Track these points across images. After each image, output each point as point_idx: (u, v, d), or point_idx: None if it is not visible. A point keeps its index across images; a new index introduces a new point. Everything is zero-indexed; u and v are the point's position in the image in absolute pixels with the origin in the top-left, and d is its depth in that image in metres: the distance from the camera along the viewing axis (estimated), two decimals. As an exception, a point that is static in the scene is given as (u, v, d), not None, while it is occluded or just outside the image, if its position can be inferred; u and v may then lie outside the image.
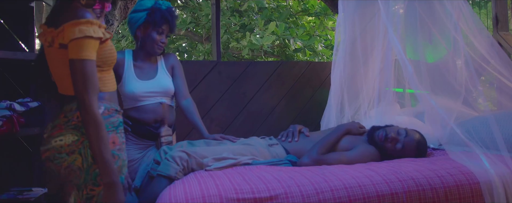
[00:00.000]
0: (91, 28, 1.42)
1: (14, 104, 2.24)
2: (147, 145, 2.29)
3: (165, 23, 2.25)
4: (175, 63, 2.41)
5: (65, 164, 1.45)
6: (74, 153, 1.45)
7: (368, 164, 1.97)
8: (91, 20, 1.42)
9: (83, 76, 1.39)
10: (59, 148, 1.45)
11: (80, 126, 1.46)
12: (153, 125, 2.27)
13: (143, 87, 2.25)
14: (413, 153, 2.17)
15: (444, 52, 2.90)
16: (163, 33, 2.28)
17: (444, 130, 2.17)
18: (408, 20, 2.87)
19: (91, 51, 1.42)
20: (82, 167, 1.45)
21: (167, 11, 2.25)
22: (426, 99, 2.20)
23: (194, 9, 7.59)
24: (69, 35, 1.39)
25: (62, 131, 1.47)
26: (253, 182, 1.69)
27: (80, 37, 1.39)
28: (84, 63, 1.39)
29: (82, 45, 1.39)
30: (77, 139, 1.46)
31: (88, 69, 1.40)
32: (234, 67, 3.34)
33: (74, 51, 1.39)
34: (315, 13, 7.28)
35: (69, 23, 1.40)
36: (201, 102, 3.21)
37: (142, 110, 2.25)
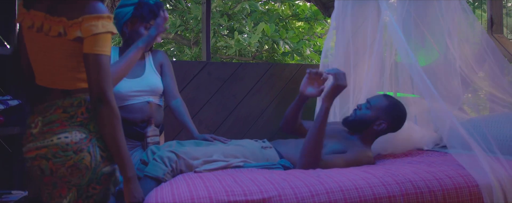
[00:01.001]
0: (111, 23, 1.39)
1: (-7, 101, 2.14)
2: (133, 145, 2.21)
3: (153, 17, 2.17)
4: (164, 61, 2.34)
5: (70, 163, 1.37)
6: (82, 151, 1.38)
7: (365, 166, 1.91)
8: (111, 15, 1.40)
9: (105, 72, 1.36)
10: (64, 146, 1.36)
11: (86, 123, 1.41)
12: (140, 124, 2.19)
13: (129, 86, 2.17)
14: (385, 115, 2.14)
15: (437, 56, 2.88)
16: (150, 28, 2.19)
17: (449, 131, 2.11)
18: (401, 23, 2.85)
19: (109, 47, 1.40)
20: (90, 166, 1.39)
21: (155, 5, 2.17)
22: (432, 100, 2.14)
23: (183, 12, 7.53)
24: (91, 29, 1.34)
25: (66, 127, 1.38)
26: (244, 183, 1.61)
27: (103, 32, 1.36)
28: (106, 59, 1.37)
29: (103, 40, 1.36)
30: (85, 137, 1.39)
31: (107, 64, 1.38)
32: (224, 68, 3.27)
33: (94, 45, 1.35)
34: (305, 18, 7.29)
35: (91, 16, 1.35)
36: (190, 103, 3.13)
37: (129, 109, 2.17)
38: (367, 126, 2.17)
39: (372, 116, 2.16)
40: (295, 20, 7.49)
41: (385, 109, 2.17)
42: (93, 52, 1.35)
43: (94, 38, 1.35)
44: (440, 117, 2.21)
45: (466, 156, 1.96)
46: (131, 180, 1.45)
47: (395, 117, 2.19)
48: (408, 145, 2.51)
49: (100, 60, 1.35)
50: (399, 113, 2.21)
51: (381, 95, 2.25)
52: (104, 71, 1.36)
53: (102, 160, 1.41)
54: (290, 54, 7.04)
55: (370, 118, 2.16)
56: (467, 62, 2.61)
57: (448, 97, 2.46)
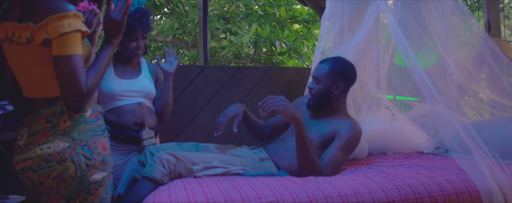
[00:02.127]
0: (78, 21, 1.32)
1: (-10, 106, 2.13)
2: (130, 150, 2.18)
3: (134, 30, 2.14)
4: (159, 76, 2.36)
5: (54, 174, 1.33)
6: (66, 161, 1.33)
7: (363, 171, 1.90)
8: (77, 13, 1.32)
9: (74, 73, 1.28)
10: (47, 156, 1.32)
11: (69, 131, 1.35)
12: (133, 128, 2.16)
13: (122, 85, 2.16)
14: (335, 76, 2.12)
15: (435, 59, 2.88)
16: (137, 39, 2.17)
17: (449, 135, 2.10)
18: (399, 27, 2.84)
19: (79, 46, 1.32)
20: (75, 176, 1.34)
21: (132, 18, 2.12)
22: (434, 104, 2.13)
23: (180, 15, 7.53)
24: (56, 30, 1.28)
25: (49, 137, 1.34)
26: (243, 189, 1.60)
27: (70, 32, 1.28)
28: (74, 59, 1.29)
29: (72, 40, 1.29)
30: (68, 146, 1.34)
31: (79, 63, 1.30)
32: (221, 72, 3.27)
33: (62, 46, 1.28)
34: (303, 20, 7.27)
35: (55, 17, 1.28)
36: (187, 108, 3.12)
37: (120, 112, 2.14)
38: (329, 97, 2.15)
39: (326, 85, 2.14)
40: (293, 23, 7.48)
41: (331, 71, 2.15)
42: (62, 54, 1.28)
43: (61, 39, 1.28)
44: (441, 120, 2.20)
45: (466, 160, 1.94)
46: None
47: (344, 72, 2.17)
48: (409, 148, 2.50)
49: (71, 61, 1.28)
50: (344, 66, 2.19)
51: (319, 64, 2.22)
52: (77, 72, 1.28)
53: (88, 168, 1.36)
54: (287, 53, 7.03)
55: (326, 87, 2.14)
56: (464, 67, 2.60)
57: (446, 101, 2.45)
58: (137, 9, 2.17)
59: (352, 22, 3.06)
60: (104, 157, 1.40)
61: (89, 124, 1.39)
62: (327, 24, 3.02)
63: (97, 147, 1.39)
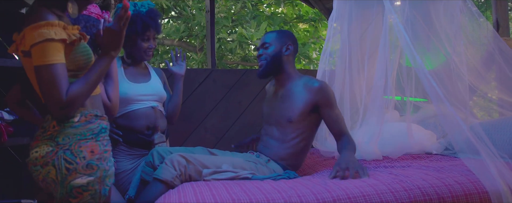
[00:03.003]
0: (52, 30, 1.31)
1: (3, 112, 2.16)
2: (140, 154, 2.20)
3: (148, 29, 2.17)
4: (165, 79, 2.41)
5: (40, 177, 1.38)
6: (47, 165, 1.36)
7: (372, 173, 1.89)
8: (51, 21, 1.32)
9: (52, 82, 1.28)
10: (34, 160, 1.38)
11: (55, 135, 1.38)
12: (146, 132, 2.18)
13: (135, 89, 2.18)
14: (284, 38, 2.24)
15: (443, 60, 2.86)
16: (149, 39, 2.21)
17: (457, 136, 2.09)
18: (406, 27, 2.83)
19: (57, 54, 1.31)
20: (57, 179, 1.36)
21: (147, 16, 2.16)
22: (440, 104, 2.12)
23: (188, 19, 7.57)
24: (29, 41, 1.30)
25: (38, 142, 1.39)
26: (251, 192, 1.61)
27: (41, 41, 1.29)
28: (50, 68, 1.29)
29: (47, 49, 1.29)
30: (51, 150, 1.37)
31: (58, 72, 1.29)
32: (229, 75, 3.28)
33: (38, 57, 1.29)
34: (309, 19, 7.28)
35: (29, 28, 1.30)
36: (196, 111, 3.14)
37: (133, 116, 2.16)
38: (280, 59, 2.22)
39: (277, 46, 2.22)
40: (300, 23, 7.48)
41: (280, 34, 2.26)
42: (38, 64, 1.29)
43: (35, 49, 1.29)
44: (448, 121, 2.19)
45: (475, 161, 1.92)
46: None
47: (291, 36, 2.29)
48: (417, 149, 2.49)
49: (44, 71, 1.28)
50: (289, 32, 2.34)
51: (266, 33, 2.31)
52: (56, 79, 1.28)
53: (69, 172, 1.36)
54: (296, 58, 7.05)
55: (276, 49, 2.22)
56: (473, 67, 2.59)
57: (453, 101, 2.44)
58: (149, 10, 2.19)
59: (360, 23, 3.06)
60: (91, 161, 1.39)
61: (76, 128, 1.40)
62: (334, 25, 3.02)
63: (82, 151, 1.38)
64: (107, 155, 1.45)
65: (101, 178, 1.41)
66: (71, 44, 1.38)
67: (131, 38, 2.17)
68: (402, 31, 2.32)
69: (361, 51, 3.00)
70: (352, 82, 2.97)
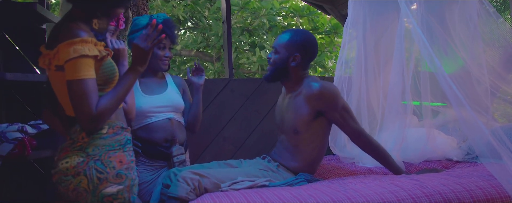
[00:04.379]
0: (86, 47, 1.39)
1: (26, 126, 2.21)
2: (160, 166, 2.22)
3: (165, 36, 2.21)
4: (185, 88, 2.41)
5: (71, 187, 1.42)
6: (79, 175, 1.42)
7: (392, 179, 1.88)
8: (85, 38, 1.40)
9: (86, 95, 1.35)
10: (65, 171, 1.42)
11: (85, 146, 1.44)
12: (164, 144, 2.20)
13: (150, 102, 2.20)
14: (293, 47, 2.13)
15: (461, 64, 2.83)
16: (165, 48, 2.23)
17: (478, 140, 2.06)
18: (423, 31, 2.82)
19: (89, 70, 1.39)
20: (88, 189, 1.42)
21: (163, 25, 2.18)
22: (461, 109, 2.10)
23: (204, 29, 7.65)
24: (64, 56, 1.37)
25: (68, 153, 1.44)
26: (270, 200, 1.62)
27: (75, 57, 1.36)
28: (83, 83, 1.36)
29: (79, 65, 1.36)
30: (82, 160, 1.43)
31: (89, 87, 1.37)
32: (247, 84, 3.30)
33: (71, 72, 1.36)
34: (325, 32, 7.28)
35: (64, 44, 1.38)
36: (214, 121, 3.16)
37: (151, 129, 2.18)
38: (286, 68, 2.14)
39: (283, 55, 2.14)
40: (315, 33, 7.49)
41: (289, 42, 2.14)
42: (72, 78, 1.36)
43: (69, 64, 1.36)
44: (468, 126, 2.16)
45: (497, 165, 1.89)
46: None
47: (302, 44, 2.15)
48: (438, 155, 2.46)
49: (77, 85, 1.35)
50: (303, 38, 2.17)
51: (281, 34, 2.21)
52: (87, 94, 1.35)
53: (100, 181, 1.42)
54: (312, 66, 7.05)
55: (282, 58, 2.14)
56: (492, 69, 2.55)
57: (473, 105, 2.41)
58: (165, 20, 2.23)
59: (375, 29, 3.05)
60: (120, 170, 1.46)
61: (105, 139, 1.47)
62: (350, 31, 3.02)
63: (111, 161, 1.45)
64: (133, 165, 1.52)
65: (130, 187, 1.47)
66: (100, 60, 1.44)
67: None
68: (420, 35, 2.30)
69: (377, 57, 2.99)
70: (369, 88, 2.96)
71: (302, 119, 2.07)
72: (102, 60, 1.45)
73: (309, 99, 2.06)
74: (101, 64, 1.46)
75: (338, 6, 4.16)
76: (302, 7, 7.33)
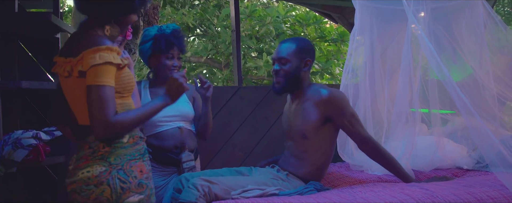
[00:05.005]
0: (111, 54, 1.41)
1: (40, 132, 2.25)
2: (171, 172, 2.26)
3: (171, 47, 2.24)
4: (195, 95, 2.42)
5: (93, 196, 1.42)
6: (102, 184, 1.42)
7: (402, 188, 1.89)
8: (111, 46, 1.43)
9: (105, 101, 1.36)
10: (86, 180, 1.43)
11: (107, 156, 1.44)
12: (174, 151, 2.24)
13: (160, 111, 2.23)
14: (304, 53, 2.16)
15: (470, 72, 2.84)
16: (173, 58, 2.27)
17: (488, 149, 2.06)
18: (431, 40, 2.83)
19: (111, 77, 1.41)
20: (111, 198, 1.43)
21: (171, 35, 2.24)
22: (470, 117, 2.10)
23: (213, 36, 7.72)
24: (89, 62, 1.38)
25: (89, 162, 1.44)
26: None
27: (100, 64, 1.38)
28: (103, 89, 1.37)
29: (102, 71, 1.38)
30: (105, 170, 1.43)
31: (108, 94, 1.38)
32: (255, 91, 3.33)
33: (93, 77, 1.38)
34: (332, 40, 7.29)
35: (89, 50, 1.40)
36: (223, 128, 3.20)
37: (161, 137, 2.23)
38: (298, 75, 2.15)
39: (295, 63, 2.14)
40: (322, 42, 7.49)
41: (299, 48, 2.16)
42: (93, 84, 1.37)
43: (93, 70, 1.37)
44: (478, 134, 2.16)
45: (508, 175, 1.89)
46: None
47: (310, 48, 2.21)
48: (448, 163, 2.46)
49: (100, 91, 1.36)
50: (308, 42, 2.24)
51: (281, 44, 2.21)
52: (105, 101, 1.36)
53: (123, 191, 1.43)
54: (319, 73, 7.05)
55: (295, 66, 2.14)
56: (500, 78, 2.56)
57: (482, 114, 2.41)
58: (174, 29, 2.27)
59: (382, 37, 3.06)
60: (141, 180, 1.47)
61: (126, 149, 1.48)
62: (357, 38, 3.04)
63: (133, 171, 1.46)
64: (151, 174, 1.54)
65: (149, 196, 1.49)
66: (121, 69, 1.47)
67: (156, 57, 2.25)
68: (426, 43, 2.32)
69: (384, 65, 3.00)
70: (376, 96, 2.97)
71: (311, 125, 2.10)
72: (122, 69, 1.47)
73: (318, 105, 2.08)
74: (121, 72, 1.48)
75: (346, 15, 4.18)
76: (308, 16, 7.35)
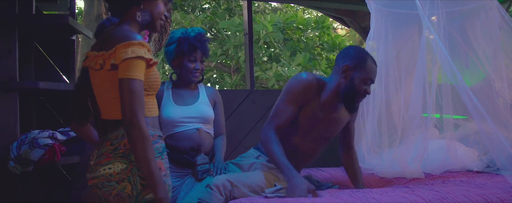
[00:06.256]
0: (142, 49, 1.45)
1: (56, 133, 2.29)
2: (186, 173, 2.27)
3: (194, 50, 2.26)
4: (217, 99, 2.43)
5: (114, 192, 1.46)
6: (123, 181, 1.46)
7: (413, 190, 1.89)
8: (142, 42, 1.46)
9: (133, 95, 1.40)
10: (108, 177, 1.46)
11: (128, 154, 1.47)
12: (190, 153, 2.25)
13: (180, 112, 2.25)
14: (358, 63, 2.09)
15: (482, 76, 2.83)
16: (196, 61, 2.28)
17: (499, 153, 2.06)
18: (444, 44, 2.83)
19: (141, 72, 1.44)
20: (132, 195, 1.46)
21: (194, 39, 2.25)
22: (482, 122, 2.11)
23: (223, 41, 7.76)
24: (121, 56, 1.42)
25: (111, 159, 1.48)
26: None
27: (133, 57, 1.42)
28: (135, 83, 1.41)
29: (134, 65, 1.42)
30: (126, 167, 1.46)
31: (138, 88, 1.42)
32: (267, 95, 3.35)
33: (125, 70, 1.42)
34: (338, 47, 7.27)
35: (122, 44, 1.43)
36: (235, 131, 3.21)
37: (178, 138, 2.24)
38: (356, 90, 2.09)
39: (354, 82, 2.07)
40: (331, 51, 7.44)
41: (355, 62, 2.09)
42: (124, 77, 1.41)
43: (125, 63, 1.41)
44: (489, 139, 2.17)
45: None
46: (162, 200, 1.44)
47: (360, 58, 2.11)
48: (458, 166, 2.46)
49: (131, 84, 1.40)
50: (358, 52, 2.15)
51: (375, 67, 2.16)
52: (135, 95, 1.40)
53: (143, 188, 1.46)
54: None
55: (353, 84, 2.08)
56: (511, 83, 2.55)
57: (494, 119, 2.41)
58: (199, 33, 2.29)
59: (396, 41, 3.07)
60: None
61: None
62: (371, 43, 3.05)
63: None
64: (168, 172, 1.57)
65: (168, 193, 1.51)
66: (150, 66, 1.50)
67: (179, 59, 2.28)
68: (441, 47, 2.32)
69: (398, 69, 3.01)
70: (390, 100, 2.98)
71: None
72: (151, 66, 1.51)
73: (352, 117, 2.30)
74: (150, 70, 1.51)
75: (358, 19, 4.20)
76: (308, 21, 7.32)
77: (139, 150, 1.41)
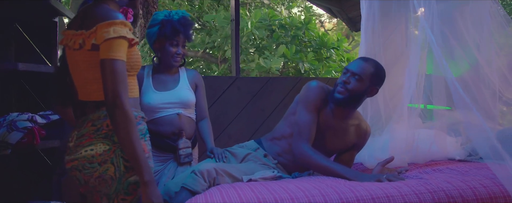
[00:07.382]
0: (124, 29, 1.41)
1: (36, 116, 2.25)
2: (168, 158, 2.26)
3: (177, 34, 2.22)
4: (198, 83, 2.39)
5: (96, 174, 1.43)
6: (106, 163, 1.43)
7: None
8: (124, 21, 1.42)
9: (116, 76, 1.37)
10: (90, 158, 1.43)
11: (110, 134, 1.44)
12: (171, 137, 2.23)
13: (159, 98, 2.23)
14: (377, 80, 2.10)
15: (467, 68, 2.84)
16: (178, 45, 2.24)
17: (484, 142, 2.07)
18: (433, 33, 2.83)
19: (124, 52, 1.41)
20: (115, 176, 1.43)
21: (178, 22, 2.21)
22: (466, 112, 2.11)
23: (210, 30, 7.71)
24: (103, 35, 1.38)
25: (92, 140, 1.44)
26: (276, 191, 1.64)
27: (115, 37, 1.38)
28: (118, 63, 1.38)
29: (117, 45, 1.38)
30: (108, 148, 1.43)
31: (121, 69, 1.38)
32: (253, 83, 3.34)
33: (108, 51, 1.37)
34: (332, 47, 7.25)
35: (103, 24, 1.39)
36: (219, 118, 3.19)
37: (159, 122, 2.22)
38: (360, 99, 2.11)
39: (365, 85, 2.05)
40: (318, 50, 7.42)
41: (376, 74, 2.08)
42: (106, 58, 1.37)
43: (107, 43, 1.37)
44: (473, 128, 2.18)
45: (500, 166, 1.91)
46: (148, 183, 1.40)
47: (383, 79, 2.15)
48: (440, 155, 2.48)
49: (113, 65, 1.37)
50: (384, 73, 2.16)
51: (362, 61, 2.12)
52: (118, 75, 1.37)
53: (126, 170, 1.44)
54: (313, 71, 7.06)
55: (363, 87, 2.06)
56: (502, 74, 2.56)
57: (479, 109, 2.42)
58: (183, 16, 2.24)
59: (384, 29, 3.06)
60: None
61: None
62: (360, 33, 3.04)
63: None
64: (151, 154, 1.54)
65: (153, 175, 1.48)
66: (131, 45, 1.46)
67: (161, 42, 2.24)
68: (431, 37, 2.32)
69: (385, 58, 3.00)
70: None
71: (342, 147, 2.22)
72: (133, 46, 1.47)
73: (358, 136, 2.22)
74: (131, 50, 1.48)
75: (346, 9, 4.20)
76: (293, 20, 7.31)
77: (123, 132, 1.37)
